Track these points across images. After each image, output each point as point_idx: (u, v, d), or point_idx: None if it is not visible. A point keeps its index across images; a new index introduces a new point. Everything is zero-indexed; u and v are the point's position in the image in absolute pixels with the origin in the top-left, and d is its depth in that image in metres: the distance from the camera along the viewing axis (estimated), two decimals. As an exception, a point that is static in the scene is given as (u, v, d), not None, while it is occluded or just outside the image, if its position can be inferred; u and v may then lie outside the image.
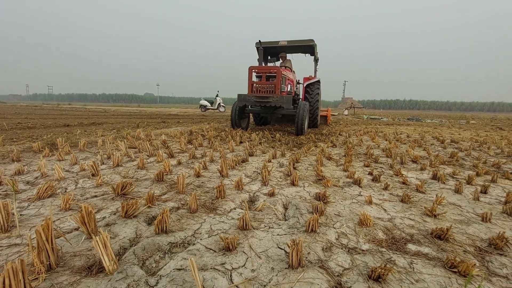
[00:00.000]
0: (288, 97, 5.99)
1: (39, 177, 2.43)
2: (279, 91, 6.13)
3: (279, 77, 6.14)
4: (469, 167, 3.46)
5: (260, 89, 6.37)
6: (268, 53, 8.57)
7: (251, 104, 6.28)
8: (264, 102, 6.08)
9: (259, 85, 6.36)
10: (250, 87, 6.38)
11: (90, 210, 1.38)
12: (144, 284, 1.08)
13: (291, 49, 8.30)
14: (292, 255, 1.19)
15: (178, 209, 1.83)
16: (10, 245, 1.35)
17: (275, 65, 8.38)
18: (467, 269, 1.20)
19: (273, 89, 6.22)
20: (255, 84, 6.38)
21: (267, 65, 8.58)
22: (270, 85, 6.25)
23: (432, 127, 10.42)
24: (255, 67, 6.33)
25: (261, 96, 6.10)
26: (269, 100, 5.99)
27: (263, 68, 6.41)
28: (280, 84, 6.17)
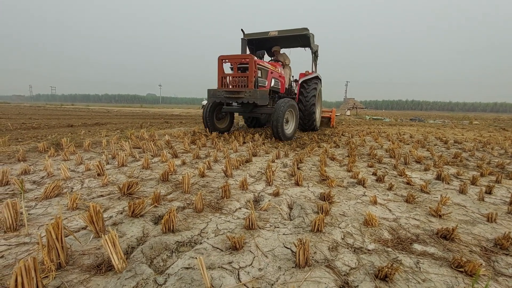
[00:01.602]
0: (263, 92, 5.03)
1: (45, 177, 2.45)
2: (252, 84, 5.06)
3: (252, 67, 5.03)
4: (473, 168, 3.45)
5: (231, 83, 5.34)
6: (258, 46, 7.57)
7: (222, 100, 5.33)
8: (235, 97, 5.15)
9: (230, 77, 5.37)
10: (220, 80, 5.37)
11: (98, 209, 1.39)
12: (153, 283, 1.09)
13: (284, 42, 7.43)
14: (299, 254, 1.19)
15: (184, 209, 1.84)
16: (19, 243, 1.36)
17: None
18: (474, 268, 1.20)
19: (246, 82, 5.15)
20: (225, 76, 5.37)
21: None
22: (242, 78, 5.22)
23: (435, 127, 10.39)
24: (225, 56, 5.25)
25: (232, 91, 5.16)
26: (240, 96, 5.04)
27: (233, 57, 5.26)
28: (254, 76, 5.10)
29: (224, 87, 5.36)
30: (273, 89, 6.08)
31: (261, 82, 5.50)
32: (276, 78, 6.19)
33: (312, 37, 6.96)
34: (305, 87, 7.24)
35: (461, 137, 6.78)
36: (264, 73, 5.63)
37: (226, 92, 5.19)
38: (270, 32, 6.73)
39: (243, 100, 5.05)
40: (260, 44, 7.52)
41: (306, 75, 7.47)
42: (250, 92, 4.94)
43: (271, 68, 5.89)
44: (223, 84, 5.36)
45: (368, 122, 13.73)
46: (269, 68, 5.78)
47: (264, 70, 5.64)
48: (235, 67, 5.35)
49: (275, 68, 6.24)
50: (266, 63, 5.79)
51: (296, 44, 7.72)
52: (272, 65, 6.06)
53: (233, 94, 5.13)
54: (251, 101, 4.97)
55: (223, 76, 5.33)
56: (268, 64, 5.82)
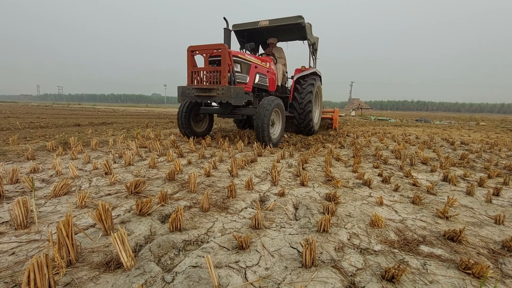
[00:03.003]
0: (238, 90, 4.18)
1: (54, 175, 2.49)
2: (226, 80, 4.20)
3: (225, 59, 4.14)
4: (480, 169, 3.41)
5: (202, 79, 4.49)
6: (250, 39, 6.73)
7: (192, 99, 4.51)
8: (206, 96, 4.34)
9: (202, 72, 4.48)
10: (190, 75, 4.49)
11: (107, 208, 1.41)
12: (161, 280, 1.10)
13: (279, 34, 6.67)
14: (305, 254, 1.20)
15: (190, 208, 1.86)
16: (29, 240, 1.39)
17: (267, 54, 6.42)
18: (481, 271, 1.19)
19: (219, 77, 4.29)
20: (195, 71, 4.49)
21: None
22: (214, 72, 4.34)
23: (441, 128, 10.29)
24: (195, 46, 4.37)
25: (203, 88, 4.33)
26: (212, 94, 4.24)
27: (204, 47, 4.33)
28: (229, 70, 4.27)
29: (195, 83, 4.50)
30: (259, 86, 5.28)
31: (240, 78, 4.67)
32: (263, 73, 5.35)
33: (309, 28, 6.24)
34: (301, 84, 6.46)
35: (468, 138, 6.70)
36: (244, 67, 4.78)
37: (197, 90, 4.39)
38: (260, 21, 5.95)
39: (215, 100, 4.28)
40: (252, 36, 6.74)
41: (303, 71, 6.64)
42: (223, 89, 4.15)
43: (255, 61, 5.05)
44: (193, 80, 4.50)
45: (373, 122, 13.65)
46: (251, 61, 4.94)
47: (245, 64, 4.80)
48: (206, 60, 4.42)
49: (262, 62, 5.41)
50: (249, 55, 4.98)
51: (293, 36, 6.89)
52: (258, 59, 5.30)
53: (204, 92, 4.33)
54: (223, 100, 4.17)
55: (193, 70, 4.47)
56: (252, 57, 5.01)
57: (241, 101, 4.26)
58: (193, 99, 4.48)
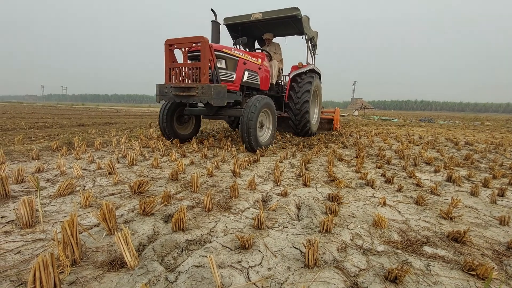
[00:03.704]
0: (220, 89, 3.73)
1: (59, 175, 2.51)
2: (206, 77, 3.73)
3: (206, 53, 3.67)
4: (485, 170, 3.38)
5: (180, 76, 3.99)
6: (244, 34, 6.26)
7: (170, 99, 4.11)
8: (184, 95, 3.87)
9: (180, 68, 3.97)
10: (168, 72, 4.03)
11: (111, 207, 1.42)
12: (164, 280, 1.11)
13: (274, 28, 6.23)
14: (308, 254, 1.20)
15: (193, 208, 1.87)
16: (34, 240, 1.41)
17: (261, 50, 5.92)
18: (486, 272, 1.18)
19: (198, 74, 3.81)
20: (174, 67, 3.99)
21: None
22: (193, 69, 3.86)
23: (445, 128, 10.22)
24: (173, 40, 3.92)
25: (181, 87, 3.88)
26: (191, 93, 3.77)
27: (182, 40, 3.86)
28: (211, 66, 3.84)
29: (173, 81, 4.03)
30: (248, 84, 4.77)
31: (225, 75, 4.19)
32: (253, 70, 4.85)
33: (306, 21, 5.74)
34: (297, 82, 5.98)
35: (472, 138, 6.65)
36: (230, 63, 4.28)
37: (175, 89, 3.93)
38: (253, 14, 5.53)
39: (194, 100, 3.81)
40: (246, 31, 6.28)
41: (299, 68, 6.15)
42: (203, 88, 3.68)
43: (243, 57, 4.53)
44: (171, 78, 4.04)
45: (376, 122, 13.59)
46: (239, 57, 4.42)
47: (231, 60, 4.29)
48: (184, 55, 3.94)
49: (252, 58, 4.89)
50: (236, 50, 4.47)
51: (290, 31, 6.44)
52: (247, 54, 4.77)
53: (183, 91, 3.87)
54: (203, 100, 3.73)
55: (171, 67, 4.00)
56: (239, 52, 4.50)
57: (223, 101, 3.77)
58: (171, 99, 4.07)
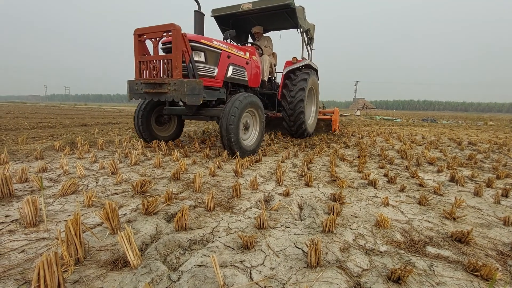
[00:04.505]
0: (194, 84, 3.25)
1: (62, 175, 2.53)
2: (179, 71, 3.27)
3: (178, 44, 3.22)
4: (488, 170, 3.37)
5: (151, 70, 3.52)
6: (235, 27, 5.73)
7: (141, 97, 3.61)
8: (155, 93, 3.41)
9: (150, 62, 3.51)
10: (138, 66, 3.58)
11: (114, 207, 1.43)
12: (167, 279, 1.11)
13: (266, 20, 5.76)
14: (310, 254, 1.20)
15: (195, 207, 1.87)
16: (38, 239, 1.41)
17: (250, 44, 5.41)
18: (490, 273, 1.18)
19: (170, 69, 3.34)
20: (144, 61, 3.54)
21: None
22: (165, 62, 3.40)
23: (448, 128, 10.16)
24: (143, 29, 3.47)
25: (151, 83, 3.42)
26: (162, 90, 3.32)
27: (151, 29, 3.41)
28: (186, 58, 3.36)
29: (144, 76, 3.57)
30: (234, 81, 4.27)
31: (204, 70, 3.64)
32: (239, 65, 4.32)
33: (301, 11, 5.28)
34: (291, 79, 5.46)
35: (476, 138, 6.61)
36: (211, 56, 3.73)
37: (145, 85, 3.47)
38: (242, 5, 5.02)
39: (166, 97, 3.34)
40: (238, 24, 5.80)
41: (294, 63, 5.59)
42: (175, 84, 3.21)
43: (227, 50, 3.99)
44: (142, 73, 3.57)
45: (378, 122, 13.54)
46: (222, 49, 3.87)
47: (211, 52, 3.74)
48: (155, 46, 3.47)
49: (239, 51, 4.36)
50: (219, 42, 3.91)
51: (285, 23, 5.96)
52: (233, 47, 4.24)
53: (154, 88, 3.41)
54: (176, 98, 3.28)
55: (141, 60, 3.53)
56: (222, 44, 3.94)
57: (198, 99, 3.29)
58: (142, 97, 3.60)
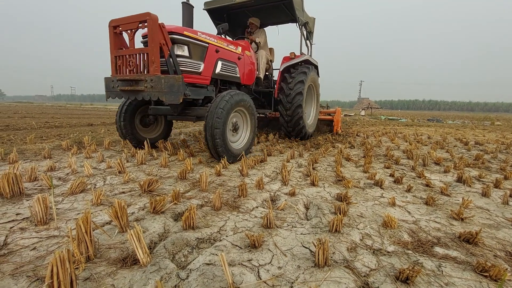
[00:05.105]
0: (173, 81, 2.90)
1: (70, 174, 2.56)
2: (156, 66, 2.94)
3: (154, 36, 2.86)
4: (496, 170, 3.33)
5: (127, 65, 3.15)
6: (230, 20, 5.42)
7: (117, 95, 3.29)
8: (132, 91, 3.12)
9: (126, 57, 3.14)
10: (114, 61, 3.22)
11: (123, 205, 1.45)
12: (176, 277, 1.13)
13: (262, 13, 5.47)
14: (318, 254, 1.20)
15: (202, 207, 1.89)
16: (49, 236, 1.44)
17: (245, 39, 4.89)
18: (499, 273, 1.17)
19: (147, 63, 3.00)
20: (120, 55, 3.17)
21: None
22: (142, 56, 3.04)
23: (454, 128, 10.06)
24: (118, 20, 3.10)
25: (127, 80, 3.12)
26: (139, 88, 3.02)
27: (126, 20, 3.04)
28: (166, 53, 2.99)
29: (120, 73, 3.21)
30: (223, 77, 3.91)
31: (188, 65, 3.28)
32: (230, 60, 3.96)
33: (299, 3, 4.97)
34: (290, 73, 5.11)
35: (483, 139, 6.53)
36: (196, 50, 3.37)
37: (121, 82, 3.17)
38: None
39: (143, 96, 3.03)
40: (233, 18, 5.46)
41: (292, 59, 5.26)
42: (152, 81, 2.92)
43: (215, 43, 3.62)
44: (118, 69, 3.22)
45: (383, 122, 13.45)
46: (209, 43, 3.51)
47: (197, 46, 3.37)
48: (130, 38, 3.10)
49: (230, 45, 3.99)
50: (205, 34, 3.52)
51: (282, 17, 5.65)
52: (223, 41, 3.85)
53: (130, 85, 3.10)
54: (153, 96, 2.97)
55: (117, 55, 3.17)
56: (210, 37, 3.57)
57: (178, 97, 2.92)
58: (119, 96, 3.28)
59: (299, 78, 4.99)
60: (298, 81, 4.96)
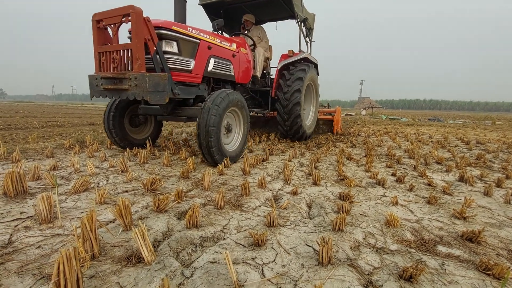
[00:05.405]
0: (158, 79, 2.71)
1: (73, 173, 2.57)
2: (140, 63, 2.70)
3: (138, 30, 2.64)
4: (497, 170, 3.33)
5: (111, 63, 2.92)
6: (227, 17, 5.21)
7: (101, 94, 3.07)
8: (115, 90, 2.91)
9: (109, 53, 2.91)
10: (97, 58, 3.01)
11: (127, 204, 1.46)
12: (181, 275, 1.13)
13: (259, 9, 5.30)
14: (322, 252, 1.21)
15: (205, 205, 1.89)
16: (53, 235, 1.45)
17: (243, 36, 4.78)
18: (502, 272, 1.17)
19: (130, 60, 2.77)
20: (104, 51, 2.94)
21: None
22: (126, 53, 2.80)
23: (455, 128, 10.04)
24: (102, 13, 2.89)
25: (111, 78, 2.90)
26: (123, 86, 2.81)
27: (109, 14, 2.82)
28: (144, 47, 2.73)
29: (104, 70, 2.99)
30: (216, 76, 3.70)
31: (178, 63, 3.06)
32: (224, 58, 3.76)
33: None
34: (289, 70, 4.94)
35: (484, 138, 6.53)
36: (186, 46, 3.14)
37: (105, 81, 2.96)
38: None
39: (127, 95, 2.81)
40: (230, 13, 5.29)
41: (290, 56, 5.07)
42: (136, 79, 2.70)
43: (207, 39, 3.41)
44: (101, 66, 3.02)
45: (384, 121, 13.44)
46: (200, 39, 3.29)
47: (187, 42, 3.15)
48: (114, 33, 2.88)
49: (223, 42, 3.77)
50: (197, 30, 3.30)
51: (281, 13, 5.44)
52: (216, 37, 3.64)
53: (114, 83, 2.90)
54: (137, 95, 2.74)
55: (100, 51, 2.96)
56: (201, 33, 3.35)
57: (163, 97, 2.73)
58: (103, 95, 3.07)
59: (297, 75, 4.82)
60: (297, 78, 4.79)
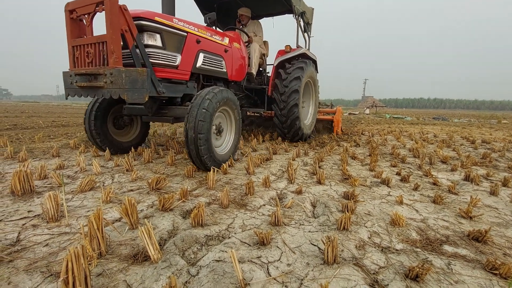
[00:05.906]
0: (136, 75, 2.43)
1: (78, 172, 2.60)
2: (116, 57, 2.41)
3: (112, 19, 2.35)
4: (503, 169, 3.30)
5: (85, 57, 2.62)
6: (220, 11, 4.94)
7: (76, 92, 2.76)
8: (90, 87, 2.64)
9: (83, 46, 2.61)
10: (71, 52, 2.70)
11: (133, 203, 1.47)
12: (186, 273, 1.14)
13: (255, 3, 5.03)
14: (327, 251, 1.21)
15: (209, 204, 1.90)
16: (60, 233, 1.46)
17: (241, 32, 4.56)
18: (509, 271, 1.17)
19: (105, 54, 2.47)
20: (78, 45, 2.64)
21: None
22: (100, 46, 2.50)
23: (460, 126, 9.95)
24: (74, 3, 2.57)
25: (85, 74, 2.62)
26: (98, 84, 2.54)
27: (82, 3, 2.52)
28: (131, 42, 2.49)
29: (78, 66, 2.70)
30: (206, 72, 3.41)
31: (162, 58, 2.77)
32: (214, 53, 3.47)
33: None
34: (285, 68, 4.65)
35: (489, 137, 6.46)
36: (171, 40, 2.86)
37: (79, 77, 2.67)
38: None
39: (102, 93, 2.56)
40: (224, 8, 5.02)
41: (287, 52, 4.78)
42: (112, 75, 2.43)
43: (196, 33, 3.13)
44: (75, 61, 2.71)
45: (388, 120, 13.36)
46: (188, 31, 3.02)
47: (172, 35, 2.86)
48: (88, 24, 2.59)
49: (214, 36, 3.48)
50: (184, 22, 2.99)
51: (277, 7, 5.14)
52: (207, 30, 3.36)
53: (88, 80, 2.63)
54: (114, 93, 2.48)
55: (74, 44, 2.66)
56: (189, 25, 3.05)
57: (142, 95, 2.46)
58: (78, 93, 2.75)
59: (295, 74, 4.54)
60: (294, 77, 4.51)
